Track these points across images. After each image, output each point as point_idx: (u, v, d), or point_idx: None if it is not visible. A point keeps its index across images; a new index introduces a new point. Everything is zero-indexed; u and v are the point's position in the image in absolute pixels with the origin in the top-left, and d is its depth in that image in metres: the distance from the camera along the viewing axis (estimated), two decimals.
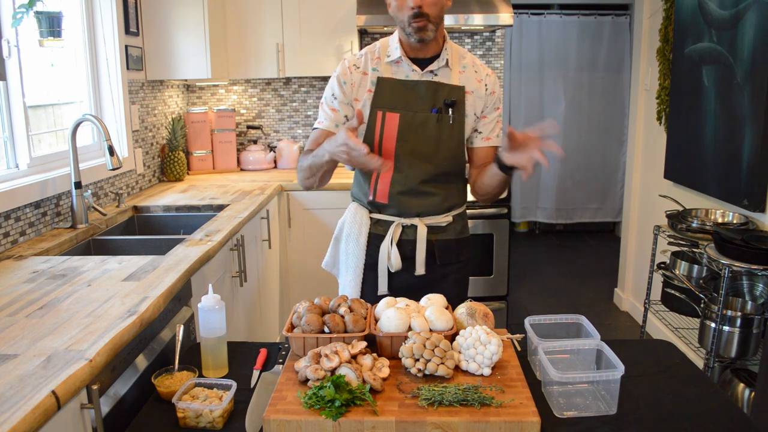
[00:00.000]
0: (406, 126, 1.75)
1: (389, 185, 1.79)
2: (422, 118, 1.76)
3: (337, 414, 1.13)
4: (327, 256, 2.00)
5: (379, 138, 1.76)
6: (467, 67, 1.81)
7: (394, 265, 1.82)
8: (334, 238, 1.96)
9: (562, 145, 5.62)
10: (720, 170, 2.77)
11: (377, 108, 1.77)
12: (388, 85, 1.77)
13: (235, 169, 3.75)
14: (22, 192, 2.06)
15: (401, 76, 1.78)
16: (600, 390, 1.29)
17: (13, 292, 1.56)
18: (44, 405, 1.01)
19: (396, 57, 1.76)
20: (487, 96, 1.82)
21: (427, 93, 1.76)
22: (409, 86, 1.77)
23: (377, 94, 1.77)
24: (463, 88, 1.79)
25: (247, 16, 3.46)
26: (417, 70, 1.77)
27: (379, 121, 1.76)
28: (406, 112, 1.75)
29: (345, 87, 1.79)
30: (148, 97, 3.19)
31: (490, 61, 4.02)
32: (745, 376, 2.40)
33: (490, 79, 1.83)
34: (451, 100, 1.76)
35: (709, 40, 2.84)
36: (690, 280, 2.66)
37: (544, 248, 5.62)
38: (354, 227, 1.86)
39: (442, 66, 1.78)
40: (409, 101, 1.76)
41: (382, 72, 1.78)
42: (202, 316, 1.39)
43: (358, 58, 1.81)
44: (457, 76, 1.79)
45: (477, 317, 1.44)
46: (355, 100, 1.79)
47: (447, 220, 1.86)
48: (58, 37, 2.26)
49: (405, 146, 1.76)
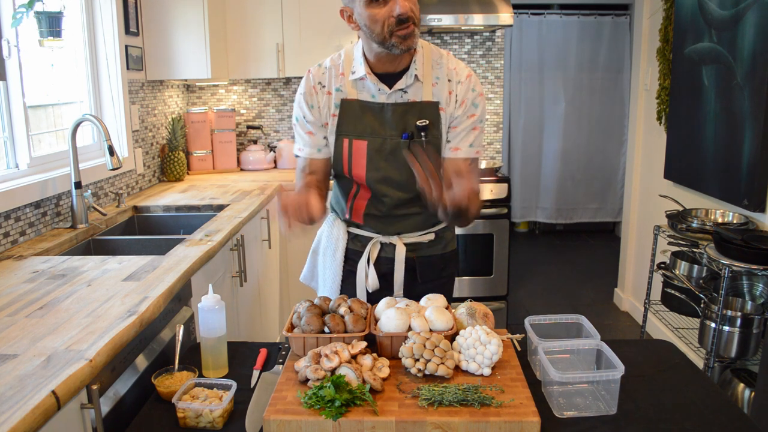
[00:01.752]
0: (375, 153, 1.60)
1: (364, 208, 1.68)
2: (392, 144, 1.59)
3: (337, 414, 1.13)
4: (305, 269, 1.91)
5: (348, 166, 1.63)
6: (440, 78, 1.61)
7: (371, 285, 1.71)
8: (312, 251, 1.87)
9: (562, 145, 5.65)
10: (720, 170, 2.77)
11: (342, 135, 1.62)
12: (352, 108, 1.60)
13: (235, 169, 3.75)
14: (22, 192, 2.06)
15: (367, 97, 1.60)
16: (600, 390, 1.29)
17: (13, 292, 1.56)
18: (44, 405, 1.01)
19: (360, 75, 1.58)
20: (455, 108, 1.62)
21: (395, 116, 1.59)
22: (375, 110, 1.60)
23: (341, 118, 1.61)
24: (437, 105, 1.60)
25: (247, 16, 3.46)
26: (384, 89, 1.58)
27: (346, 149, 1.62)
28: (373, 139, 1.60)
29: (314, 111, 1.63)
30: (148, 97, 3.19)
31: (490, 61, 4.02)
32: (745, 376, 2.40)
33: (460, 88, 1.61)
34: (423, 124, 1.58)
35: (709, 40, 2.84)
36: (690, 280, 2.66)
37: (544, 248, 5.62)
38: (331, 241, 1.77)
39: (411, 83, 1.58)
40: (376, 127, 1.59)
41: (346, 92, 1.61)
42: (202, 316, 1.39)
43: (323, 73, 1.64)
44: (430, 91, 1.60)
45: (477, 317, 1.44)
46: (324, 125, 1.64)
47: (428, 237, 1.74)
48: (58, 37, 2.26)
49: (376, 175, 1.61)
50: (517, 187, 5.74)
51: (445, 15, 3.39)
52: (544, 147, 5.73)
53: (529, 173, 5.77)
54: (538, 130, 5.70)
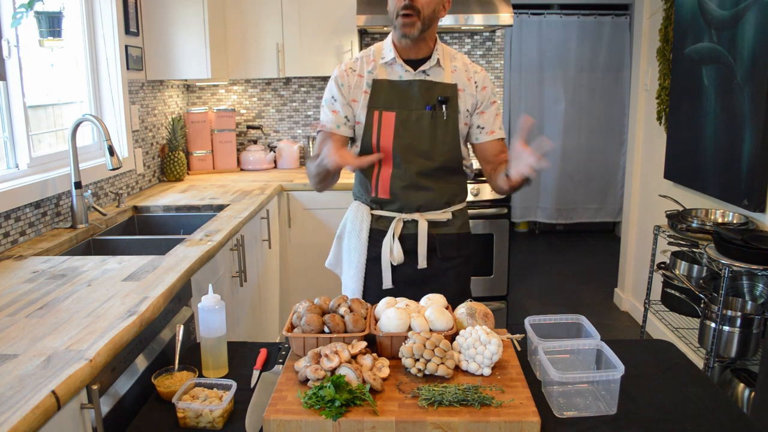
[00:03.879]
0: (401, 123, 1.82)
1: (389, 181, 1.85)
2: (417, 115, 1.82)
3: (337, 414, 1.13)
4: (330, 255, 2.05)
5: (377, 136, 1.83)
6: (458, 68, 1.87)
7: (396, 258, 1.86)
8: (337, 237, 2.02)
9: (562, 145, 5.64)
10: (720, 170, 2.77)
11: (374, 108, 1.84)
12: (382, 86, 1.84)
13: (235, 169, 3.75)
14: (22, 192, 2.06)
15: (395, 77, 1.84)
16: (600, 390, 1.29)
17: (13, 292, 1.56)
18: (44, 405, 1.01)
19: (390, 59, 1.83)
20: (478, 92, 1.88)
21: (420, 91, 1.82)
22: (403, 86, 1.84)
23: (373, 94, 1.84)
24: (455, 86, 1.85)
25: (247, 16, 3.46)
26: (410, 70, 1.83)
27: (376, 121, 1.83)
28: (401, 111, 1.82)
29: (343, 89, 1.86)
30: (148, 97, 3.19)
31: (490, 61, 4.02)
32: (745, 376, 2.40)
33: (479, 76, 1.89)
34: (445, 97, 1.82)
35: (709, 40, 2.84)
36: (690, 280, 2.66)
37: (544, 248, 5.62)
38: (356, 224, 1.91)
39: (434, 66, 1.83)
40: (404, 100, 1.83)
41: (377, 74, 1.85)
42: (202, 316, 1.39)
43: (354, 62, 1.88)
44: (449, 75, 1.85)
45: (477, 317, 1.45)
46: (353, 101, 1.86)
47: (446, 216, 1.89)
48: (58, 37, 2.26)
49: (402, 143, 1.82)
50: None
51: (446, 15, 3.38)
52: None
53: None
54: (538, 130, 5.69)
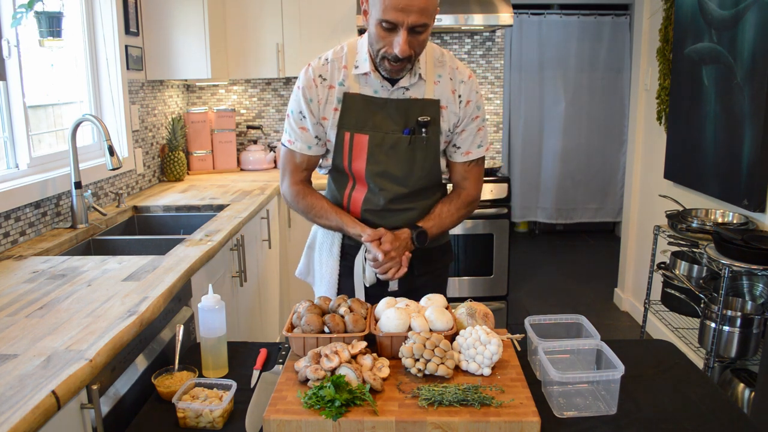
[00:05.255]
0: (375, 148, 1.62)
1: (361, 203, 1.70)
2: (393, 139, 1.62)
3: (337, 414, 1.13)
4: (300, 264, 1.91)
5: (348, 160, 1.65)
6: (443, 77, 1.64)
7: (368, 280, 1.72)
8: (308, 246, 1.88)
9: (562, 145, 5.65)
10: (720, 170, 2.77)
11: (344, 129, 1.63)
12: (354, 102, 1.61)
13: (235, 169, 3.75)
14: (22, 192, 2.05)
15: (369, 92, 1.62)
16: (600, 390, 1.29)
17: (13, 292, 1.56)
18: (44, 405, 1.01)
19: (364, 70, 1.59)
20: (461, 109, 1.66)
21: (398, 112, 1.62)
22: (377, 104, 1.61)
23: (344, 112, 1.62)
24: (437, 102, 1.63)
25: (247, 16, 3.46)
26: (387, 85, 1.60)
27: (347, 143, 1.63)
28: (375, 134, 1.62)
29: (312, 105, 1.63)
30: (148, 97, 3.19)
31: (490, 61, 4.02)
32: (745, 376, 2.40)
33: (464, 87, 1.65)
34: (425, 120, 1.61)
35: (709, 40, 2.84)
36: (690, 280, 2.66)
37: (544, 248, 5.62)
38: (327, 237, 1.78)
39: (415, 82, 1.61)
40: (378, 121, 1.62)
41: (349, 86, 1.62)
42: (202, 316, 1.39)
43: (323, 65, 1.63)
44: (432, 89, 1.63)
45: (477, 317, 1.44)
46: (323, 119, 1.65)
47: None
48: (58, 37, 2.26)
49: (375, 169, 1.64)
50: (517, 187, 5.74)
51: (445, 15, 3.39)
52: (544, 147, 5.73)
53: (529, 173, 5.77)
54: (538, 130, 5.70)
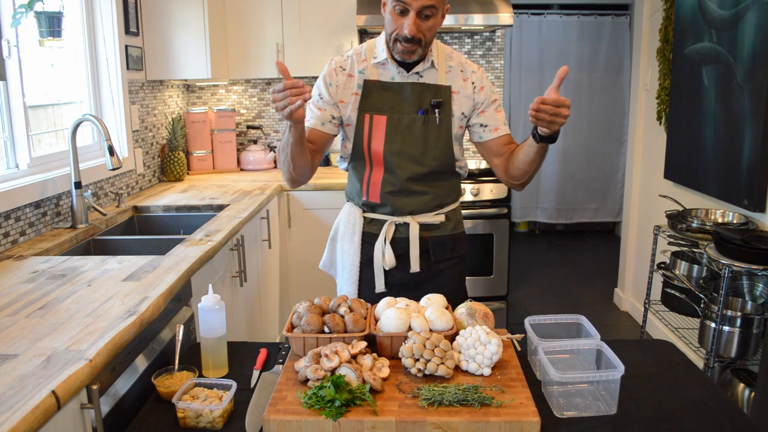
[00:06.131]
0: (393, 128, 1.78)
1: (380, 186, 1.82)
2: (409, 119, 1.78)
3: (337, 414, 1.13)
4: (324, 257, 2.01)
5: (367, 140, 1.79)
6: (453, 68, 1.82)
7: (388, 263, 1.83)
8: (331, 239, 1.98)
9: (562, 145, 5.65)
10: (720, 170, 2.76)
11: (364, 111, 1.79)
12: (374, 87, 1.79)
13: (235, 169, 3.75)
14: (22, 192, 2.05)
15: (387, 78, 1.79)
16: (600, 390, 1.29)
17: (13, 292, 1.56)
18: (44, 405, 1.01)
19: (382, 59, 1.77)
20: (476, 93, 1.83)
21: (413, 95, 1.78)
22: (394, 88, 1.79)
23: (364, 97, 1.79)
24: (449, 88, 1.80)
25: (247, 16, 3.46)
26: (402, 72, 1.78)
27: (367, 124, 1.79)
28: (392, 114, 1.78)
29: (330, 89, 1.80)
30: (148, 97, 3.19)
31: (490, 61, 4.02)
32: (745, 376, 2.40)
33: (476, 76, 1.83)
34: (437, 101, 1.77)
35: (709, 40, 2.84)
36: (690, 280, 2.66)
37: (544, 248, 5.62)
38: (348, 226, 1.89)
39: (428, 67, 1.78)
40: (396, 103, 1.78)
41: (368, 74, 1.80)
42: (202, 316, 1.39)
43: (344, 60, 1.82)
44: (443, 76, 1.80)
45: (477, 317, 1.44)
46: (340, 102, 1.80)
47: (439, 219, 1.87)
48: (58, 37, 2.26)
49: (393, 147, 1.78)
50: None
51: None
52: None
53: None
54: None
